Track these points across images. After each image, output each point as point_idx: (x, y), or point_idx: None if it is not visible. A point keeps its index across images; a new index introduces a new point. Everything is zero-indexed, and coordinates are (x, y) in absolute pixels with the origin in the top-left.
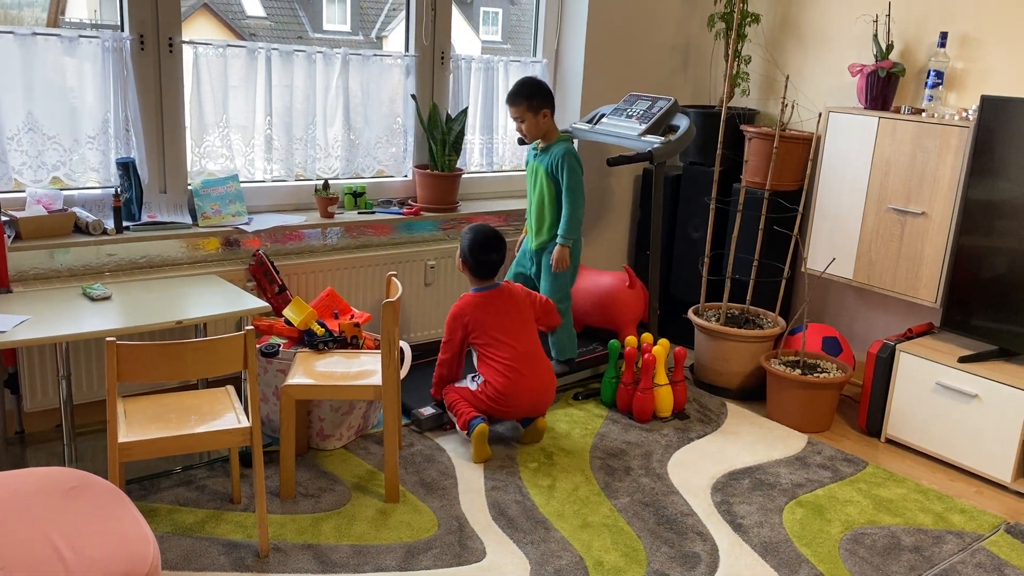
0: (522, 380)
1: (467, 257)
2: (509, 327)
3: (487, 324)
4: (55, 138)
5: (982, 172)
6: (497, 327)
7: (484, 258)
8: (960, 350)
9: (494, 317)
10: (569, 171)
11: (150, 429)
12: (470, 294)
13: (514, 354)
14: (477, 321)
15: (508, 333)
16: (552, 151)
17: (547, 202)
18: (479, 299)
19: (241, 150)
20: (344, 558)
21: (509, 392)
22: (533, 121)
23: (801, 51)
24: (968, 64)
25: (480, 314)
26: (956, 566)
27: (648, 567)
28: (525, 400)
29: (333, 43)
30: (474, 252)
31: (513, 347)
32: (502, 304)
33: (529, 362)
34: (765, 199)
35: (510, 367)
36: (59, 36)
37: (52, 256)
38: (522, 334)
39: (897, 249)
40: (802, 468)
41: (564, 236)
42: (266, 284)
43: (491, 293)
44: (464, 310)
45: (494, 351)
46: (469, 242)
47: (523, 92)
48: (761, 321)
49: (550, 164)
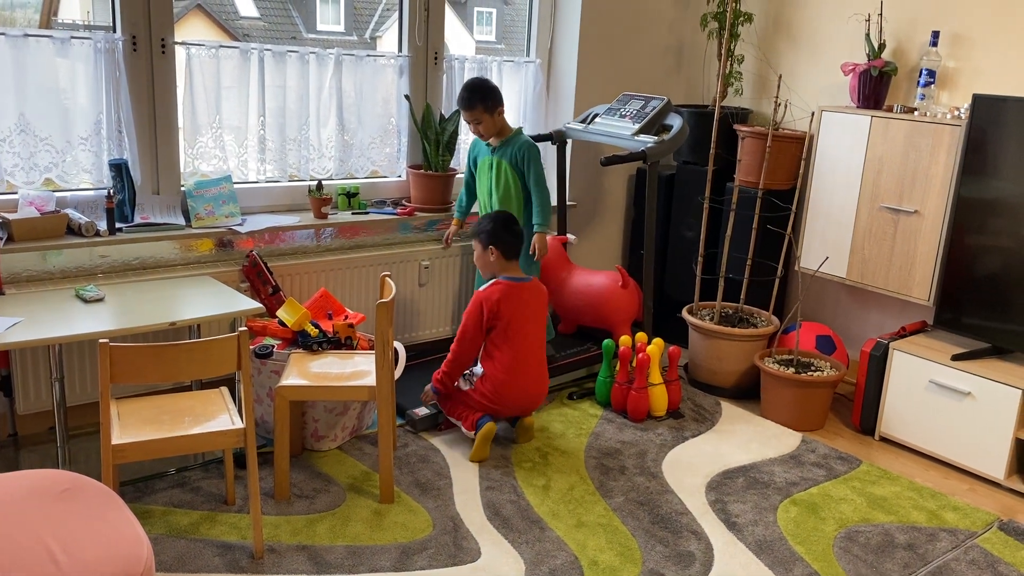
0: (520, 380)
1: (496, 238)
2: (525, 325)
3: (507, 316)
4: (47, 139)
5: (974, 170)
6: (512, 323)
7: (510, 235)
8: (953, 348)
9: (519, 309)
10: (535, 163)
11: (144, 431)
12: (504, 281)
13: (520, 353)
14: (504, 310)
15: (523, 332)
16: (512, 144)
17: (514, 194)
18: (513, 287)
19: (234, 151)
20: (339, 559)
21: (506, 391)
22: (491, 121)
23: (794, 50)
24: (960, 63)
25: (506, 303)
26: (950, 563)
27: (643, 566)
28: (519, 400)
29: (327, 43)
30: (499, 233)
31: (522, 346)
32: (530, 300)
33: (531, 364)
34: (758, 198)
35: (513, 366)
36: (51, 37)
37: (45, 258)
38: (534, 336)
39: (890, 248)
40: (796, 466)
41: (541, 224)
42: (260, 285)
43: (524, 285)
44: (495, 296)
45: (503, 346)
46: (492, 225)
47: (477, 95)
48: (755, 320)
49: (513, 156)
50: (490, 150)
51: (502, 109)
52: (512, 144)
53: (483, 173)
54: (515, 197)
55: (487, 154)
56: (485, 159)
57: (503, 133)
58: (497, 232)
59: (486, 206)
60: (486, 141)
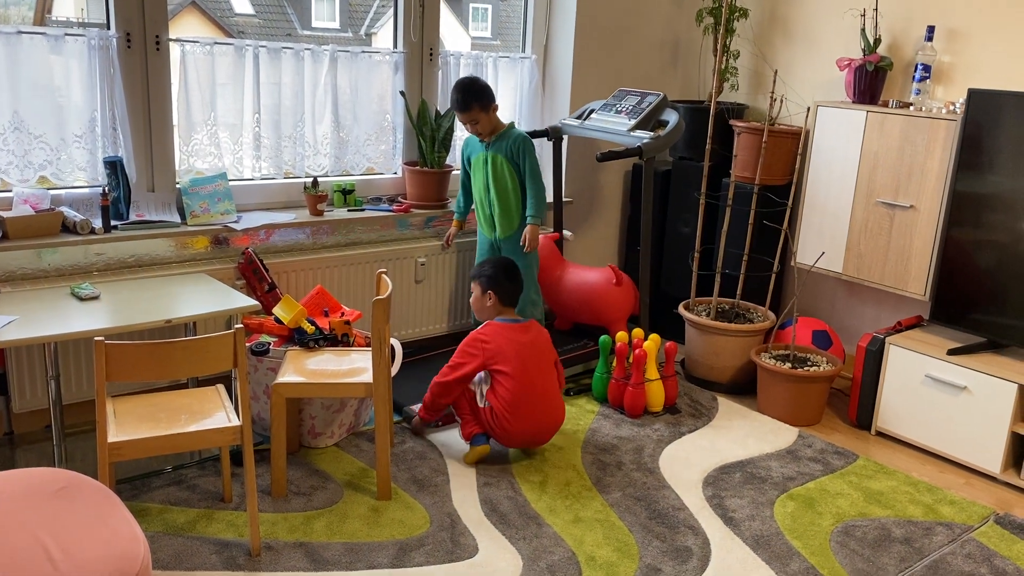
0: (525, 419)
1: (496, 284)
2: (526, 365)
3: (506, 355)
4: (41, 137)
5: (970, 165)
6: (514, 361)
7: (508, 286)
8: (949, 342)
9: (514, 350)
10: (529, 153)
11: (140, 429)
12: (496, 323)
13: (524, 392)
14: (497, 350)
15: (523, 371)
16: (507, 138)
17: (510, 187)
18: (504, 329)
19: (229, 148)
20: (336, 556)
21: (509, 427)
22: (487, 119)
23: (789, 46)
24: (955, 58)
25: (502, 344)
26: (946, 557)
27: (640, 561)
28: (524, 437)
29: (321, 40)
30: (500, 281)
31: (525, 385)
32: (527, 341)
33: (536, 404)
34: (754, 194)
35: (515, 404)
36: (45, 34)
37: (40, 256)
38: (537, 374)
39: (886, 242)
40: (793, 461)
41: (535, 216)
42: (255, 282)
43: (518, 327)
44: (487, 337)
45: (505, 382)
46: (492, 272)
47: (471, 96)
48: (751, 315)
49: (508, 150)
50: (484, 146)
51: (496, 106)
52: (506, 138)
53: (478, 170)
54: (512, 190)
55: (481, 150)
56: (479, 155)
57: (496, 128)
58: (497, 278)
59: (483, 203)
60: (474, 138)
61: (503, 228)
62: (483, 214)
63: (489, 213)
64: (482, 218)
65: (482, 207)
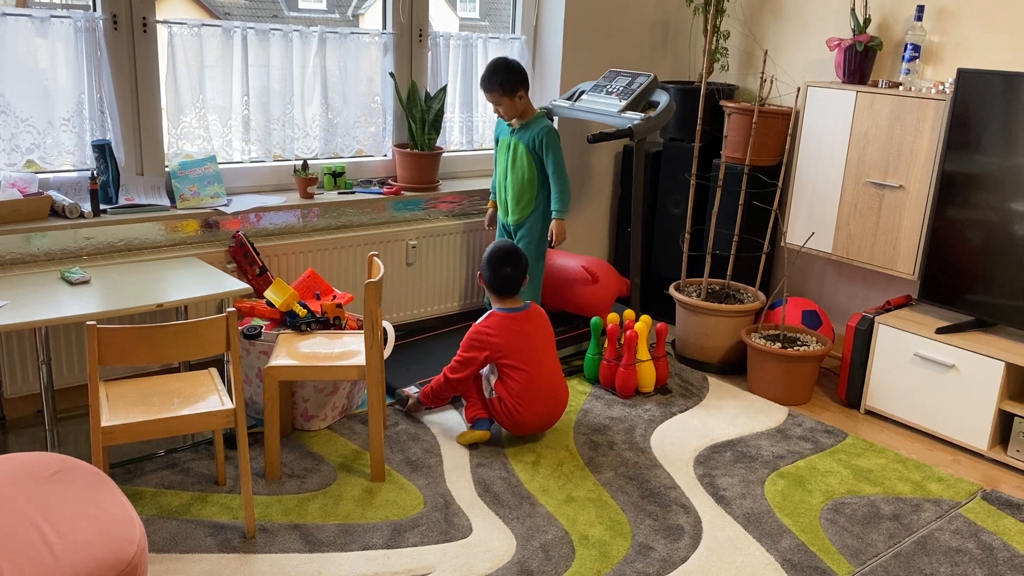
0: (536, 406)
1: (485, 274)
2: (532, 353)
3: (512, 347)
4: (28, 120)
5: (959, 145)
6: (521, 352)
7: (500, 273)
8: (937, 321)
9: (520, 341)
10: (554, 149)
11: (133, 413)
12: (498, 313)
13: (533, 380)
14: (503, 344)
15: (531, 360)
16: (532, 128)
17: (527, 178)
18: (507, 320)
19: (218, 131)
20: (331, 537)
21: (520, 418)
22: (510, 104)
23: (779, 26)
24: (944, 37)
25: (507, 337)
26: (934, 533)
27: (632, 540)
28: (535, 424)
29: (309, 21)
30: (492, 267)
31: (533, 374)
32: (531, 329)
33: (546, 388)
34: (745, 174)
35: (526, 393)
36: (30, 16)
37: (29, 240)
38: (544, 360)
39: (875, 223)
40: (783, 440)
41: (560, 211)
42: (246, 266)
43: (520, 315)
44: (491, 331)
45: (512, 374)
46: (487, 258)
47: (496, 78)
48: (741, 296)
49: (531, 141)
50: (511, 130)
51: (523, 92)
52: (532, 127)
53: (501, 153)
54: (528, 181)
55: (507, 134)
56: (504, 139)
57: (525, 115)
58: (489, 262)
59: (500, 187)
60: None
61: (513, 214)
62: (500, 197)
63: (504, 198)
64: (499, 200)
65: (499, 190)
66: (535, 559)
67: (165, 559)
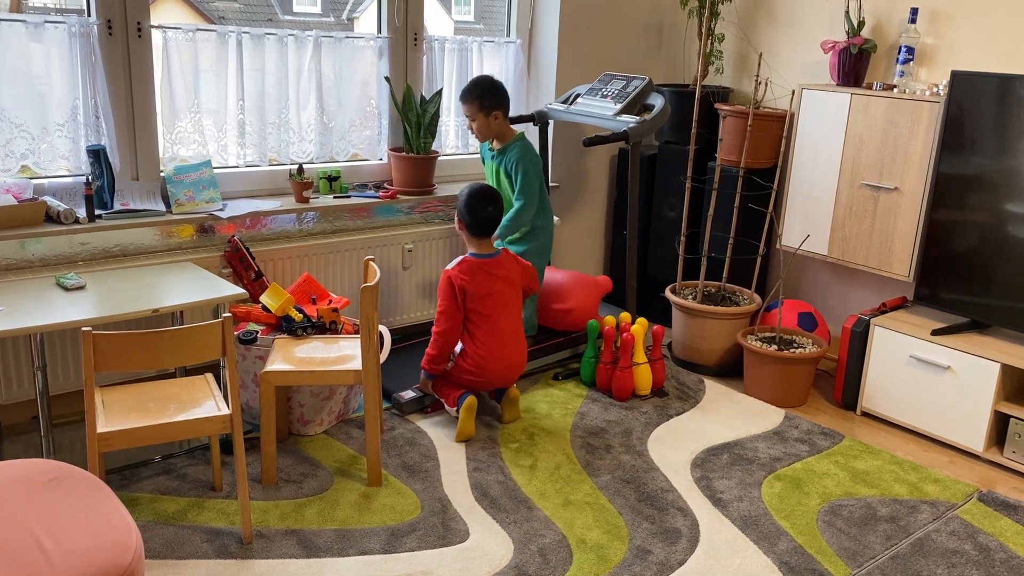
0: (499, 354)
1: (463, 213)
2: (498, 301)
3: (481, 292)
4: (23, 126)
5: (953, 147)
6: (486, 298)
7: (481, 212)
8: (933, 323)
9: (487, 286)
10: (523, 175)
11: (129, 418)
12: (469, 258)
13: (496, 326)
14: (473, 288)
15: (496, 307)
16: (508, 153)
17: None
18: (477, 264)
19: (214, 135)
20: (328, 542)
21: (487, 364)
22: (484, 122)
23: (774, 28)
24: (938, 40)
25: (475, 280)
26: (931, 535)
27: (630, 543)
28: (499, 373)
29: (304, 26)
30: (470, 206)
31: (497, 321)
32: (500, 274)
33: (508, 337)
34: (740, 177)
35: (491, 339)
36: (24, 21)
37: (24, 246)
38: (507, 309)
39: (870, 225)
40: (780, 442)
41: (500, 235)
42: (242, 271)
43: (490, 261)
44: (464, 275)
45: (478, 322)
46: (465, 197)
47: (475, 91)
48: (737, 298)
49: (508, 165)
50: (491, 155)
51: (499, 114)
52: (508, 152)
53: (488, 177)
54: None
55: (489, 159)
56: (488, 164)
57: (503, 138)
58: (469, 204)
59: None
60: (487, 144)
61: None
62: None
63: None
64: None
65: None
66: (532, 563)
67: (162, 565)
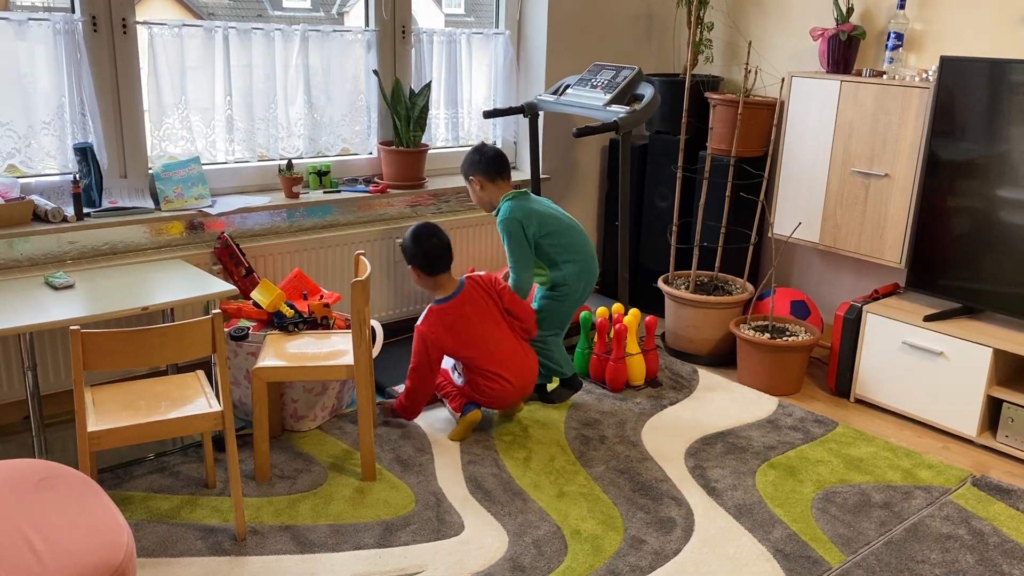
0: (508, 374)
1: (412, 253)
2: (481, 333)
3: (459, 339)
4: (8, 125)
5: (943, 133)
6: (470, 338)
7: (427, 244)
8: (925, 309)
9: (466, 330)
10: (506, 240)
11: (120, 417)
12: (435, 307)
13: (494, 355)
14: (447, 339)
15: (482, 340)
16: (498, 216)
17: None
18: (443, 314)
19: (202, 132)
20: (322, 538)
21: (492, 392)
22: (471, 190)
23: (763, 16)
24: (927, 25)
25: (454, 330)
26: (925, 520)
27: (625, 533)
28: (513, 393)
29: (294, 20)
30: (416, 242)
31: (491, 350)
32: (471, 311)
33: (510, 357)
34: (731, 166)
35: (492, 369)
36: (8, 19)
37: (11, 245)
38: (495, 333)
39: (862, 212)
40: (773, 431)
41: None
42: (232, 267)
43: (456, 301)
44: (433, 331)
45: (474, 356)
46: (409, 237)
47: (462, 166)
48: (730, 287)
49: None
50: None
51: (475, 177)
52: (498, 216)
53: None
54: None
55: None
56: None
57: (495, 202)
58: (416, 242)
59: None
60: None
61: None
62: None
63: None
64: None
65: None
66: (527, 555)
67: (156, 563)
